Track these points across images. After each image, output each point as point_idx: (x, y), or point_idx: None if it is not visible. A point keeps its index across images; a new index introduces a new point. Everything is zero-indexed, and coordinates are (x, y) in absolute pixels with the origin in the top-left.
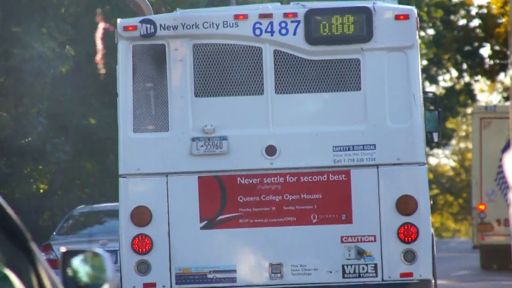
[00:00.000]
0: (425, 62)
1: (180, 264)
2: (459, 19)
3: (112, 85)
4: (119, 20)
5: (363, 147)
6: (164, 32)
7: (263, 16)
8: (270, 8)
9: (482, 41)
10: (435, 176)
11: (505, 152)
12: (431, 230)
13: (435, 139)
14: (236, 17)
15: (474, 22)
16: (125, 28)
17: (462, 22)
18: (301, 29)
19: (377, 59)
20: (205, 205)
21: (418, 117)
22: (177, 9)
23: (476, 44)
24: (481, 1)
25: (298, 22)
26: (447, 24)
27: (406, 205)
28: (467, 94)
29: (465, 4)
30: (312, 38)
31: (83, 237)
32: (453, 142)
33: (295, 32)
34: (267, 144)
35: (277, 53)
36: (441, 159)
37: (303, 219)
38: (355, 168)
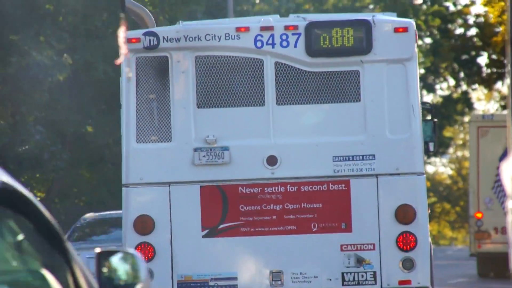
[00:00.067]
0: (422, 71)
1: (182, 272)
2: (457, 28)
3: (109, 93)
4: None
5: (363, 157)
6: (167, 44)
7: (264, 28)
8: (271, 20)
9: (479, 50)
10: (433, 184)
11: (502, 160)
12: (429, 239)
13: (431, 148)
14: (238, 29)
15: (472, 31)
16: (129, 40)
17: (460, 31)
18: (301, 42)
19: (376, 71)
20: (207, 214)
21: (417, 128)
22: (180, 22)
23: (474, 53)
24: (478, 10)
25: (298, 35)
26: (444, 33)
27: (405, 214)
28: (465, 102)
29: (462, 13)
30: (312, 50)
31: (93, 243)
32: (450, 151)
33: (295, 45)
34: (268, 154)
35: (278, 65)
36: (439, 167)
37: (303, 228)
38: (355, 177)
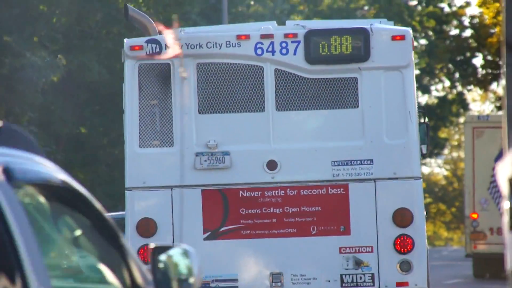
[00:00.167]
0: (417, 72)
1: None
2: (452, 29)
3: (103, 94)
4: (126, 40)
5: (361, 162)
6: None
7: (264, 36)
8: (271, 28)
9: (474, 51)
10: (428, 185)
11: (498, 161)
12: (426, 241)
13: (424, 151)
14: (239, 37)
15: (467, 32)
16: (132, 47)
17: (455, 32)
18: (301, 49)
19: (374, 78)
20: (208, 217)
21: (414, 134)
22: (182, 30)
23: (469, 54)
24: (473, 11)
25: (298, 42)
26: (439, 34)
27: (402, 217)
28: (460, 103)
29: (457, 14)
30: (311, 57)
31: None
32: (445, 152)
33: (295, 52)
34: (268, 159)
35: (278, 72)
36: (434, 168)
37: (302, 231)
38: (353, 182)
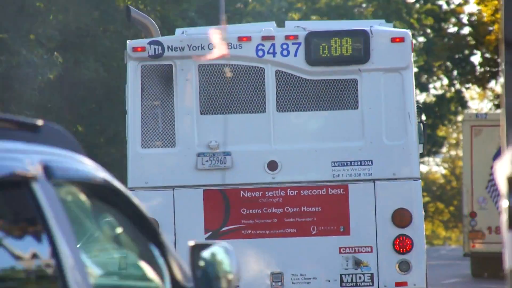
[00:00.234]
0: (415, 70)
1: None
2: (450, 26)
3: (100, 92)
4: (129, 41)
5: (361, 162)
6: (171, 53)
7: (265, 38)
8: (272, 30)
9: (473, 49)
10: (426, 183)
11: (496, 159)
12: (425, 241)
13: (420, 150)
14: (240, 39)
15: (465, 30)
16: (134, 49)
17: (453, 29)
18: (301, 51)
19: (373, 80)
20: (210, 217)
21: (413, 135)
22: (183, 31)
23: (467, 52)
24: (472, 8)
25: (298, 44)
26: (437, 32)
27: (401, 217)
28: (458, 101)
29: (455, 11)
30: (312, 59)
31: None
32: (443, 150)
33: (296, 54)
34: (269, 160)
35: (278, 73)
36: (432, 166)
37: (303, 231)
38: (353, 182)
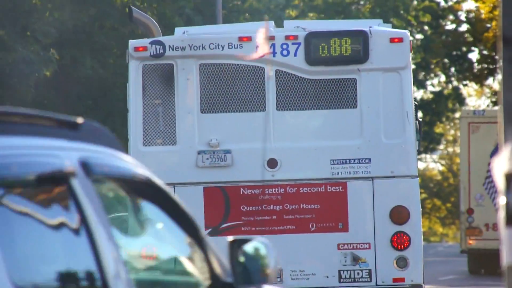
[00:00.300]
0: (413, 67)
1: None
2: (448, 23)
3: (96, 89)
4: (131, 41)
5: (359, 160)
6: (172, 53)
7: None
8: (272, 30)
9: (470, 46)
10: (423, 180)
11: (493, 156)
12: (422, 238)
13: (416, 147)
14: (241, 39)
15: (463, 27)
16: (136, 48)
17: (451, 26)
18: (301, 51)
19: (372, 79)
20: (210, 214)
21: (411, 133)
22: (185, 31)
23: (465, 49)
24: (469, 5)
25: (298, 44)
26: (435, 29)
27: (399, 215)
28: (455, 98)
29: (453, 8)
30: (311, 59)
31: None
32: (441, 147)
33: (295, 53)
34: (268, 158)
35: (278, 73)
36: (429, 163)
37: (302, 228)
38: (352, 180)
